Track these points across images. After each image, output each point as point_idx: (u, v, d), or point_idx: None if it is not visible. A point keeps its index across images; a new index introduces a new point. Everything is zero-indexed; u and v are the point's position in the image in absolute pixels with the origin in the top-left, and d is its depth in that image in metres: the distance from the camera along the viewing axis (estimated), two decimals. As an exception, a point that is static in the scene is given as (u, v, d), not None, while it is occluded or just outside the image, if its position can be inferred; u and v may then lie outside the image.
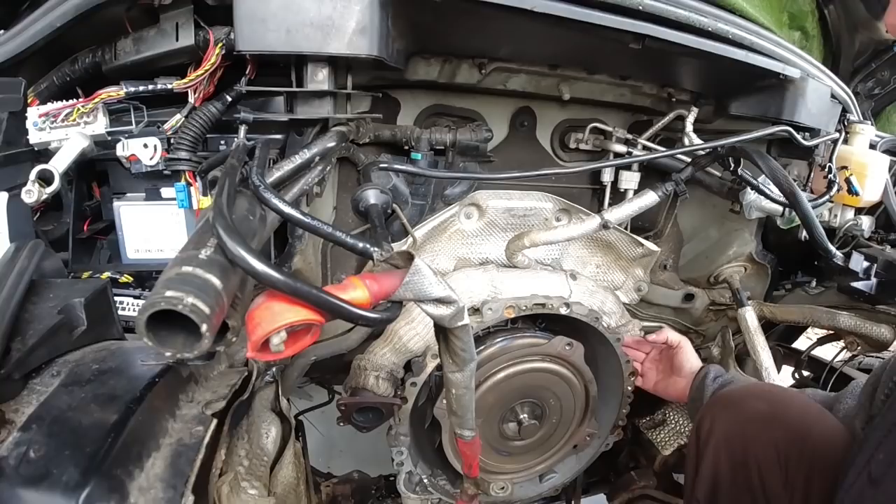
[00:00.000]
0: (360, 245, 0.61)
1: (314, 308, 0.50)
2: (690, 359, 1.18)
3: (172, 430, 0.64)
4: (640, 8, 0.86)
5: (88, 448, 0.53)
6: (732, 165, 1.10)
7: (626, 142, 1.23)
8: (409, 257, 0.56)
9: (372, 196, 0.88)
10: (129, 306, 0.97)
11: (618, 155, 1.22)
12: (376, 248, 0.60)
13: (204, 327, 0.41)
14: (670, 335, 1.18)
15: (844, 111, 1.26)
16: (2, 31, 0.92)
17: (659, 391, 1.23)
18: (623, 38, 0.89)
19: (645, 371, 1.25)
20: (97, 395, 0.61)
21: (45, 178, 0.84)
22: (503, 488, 1.25)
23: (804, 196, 1.05)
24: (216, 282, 0.44)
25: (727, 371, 1.15)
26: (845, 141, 1.24)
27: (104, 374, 0.65)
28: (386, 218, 1.04)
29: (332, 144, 0.86)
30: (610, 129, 1.22)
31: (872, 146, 1.30)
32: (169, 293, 0.41)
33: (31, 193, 0.81)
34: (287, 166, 0.83)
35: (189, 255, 0.46)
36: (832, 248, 1.13)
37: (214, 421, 0.67)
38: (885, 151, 1.33)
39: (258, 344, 0.49)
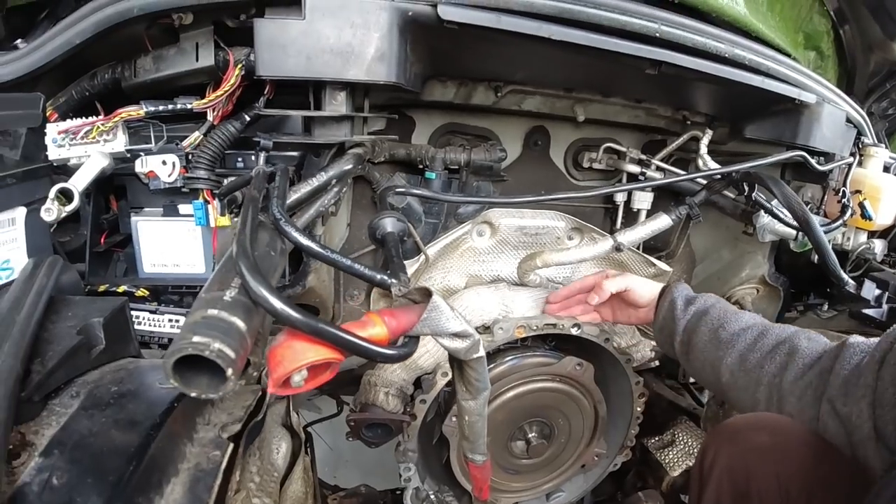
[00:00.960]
0: (379, 277, 0.61)
1: (335, 347, 0.50)
2: (644, 294, 1.06)
3: (190, 454, 0.65)
4: (658, 35, 0.86)
5: (111, 476, 0.54)
6: (747, 190, 1.10)
7: (640, 162, 1.23)
8: (426, 293, 0.57)
9: (389, 224, 0.89)
10: (145, 321, 0.98)
11: (631, 176, 1.22)
12: (394, 281, 0.60)
13: (229, 371, 0.42)
14: (610, 286, 1.03)
15: (859, 134, 1.25)
16: (21, 41, 0.93)
17: (621, 322, 1.14)
18: (640, 64, 0.89)
19: (599, 309, 1.13)
20: (117, 420, 0.62)
21: (64, 195, 0.85)
22: (510, 508, 1.26)
23: (818, 223, 1.04)
24: (241, 325, 0.45)
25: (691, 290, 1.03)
26: (859, 164, 1.23)
27: (123, 398, 0.66)
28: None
29: (348, 167, 0.87)
30: (624, 149, 1.22)
31: (886, 168, 1.29)
32: (196, 338, 0.42)
33: (51, 212, 0.82)
34: (304, 189, 0.83)
35: (214, 296, 0.46)
36: (844, 275, 1.12)
37: (231, 445, 0.68)
38: (900, 174, 1.32)
39: (280, 381, 0.50)
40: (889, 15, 1.30)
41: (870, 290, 1.20)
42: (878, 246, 1.32)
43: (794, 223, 1.09)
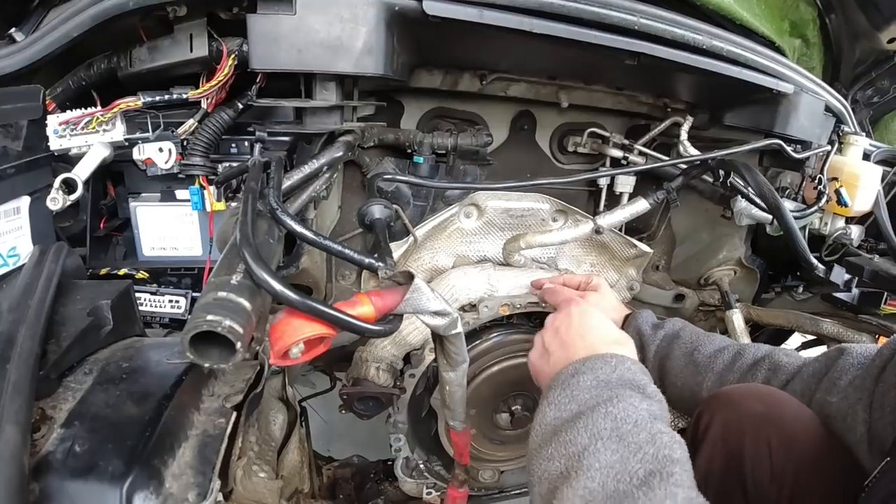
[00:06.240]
0: (367, 261, 0.67)
1: (328, 323, 0.56)
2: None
3: (198, 422, 0.71)
4: (636, 28, 0.90)
5: (129, 442, 0.60)
6: (722, 176, 1.14)
7: (623, 147, 1.27)
8: (409, 276, 0.62)
9: (377, 211, 0.93)
10: (147, 302, 1.03)
11: (614, 160, 1.26)
12: (381, 264, 0.66)
13: (238, 345, 0.48)
14: (564, 295, 0.95)
15: (839, 122, 1.29)
16: (14, 29, 0.95)
17: None
18: (619, 55, 0.93)
19: None
20: (131, 392, 0.68)
21: (68, 185, 0.89)
22: (491, 475, 1.34)
23: (789, 210, 1.09)
24: (247, 304, 0.51)
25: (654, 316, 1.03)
26: (839, 151, 1.26)
27: (134, 373, 0.72)
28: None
29: (339, 154, 0.91)
30: (607, 134, 1.26)
31: (867, 156, 1.32)
32: (210, 317, 0.48)
33: (56, 201, 0.86)
34: (296, 176, 0.88)
35: (222, 280, 0.52)
36: (814, 260, 1.17)
37: (234, 413, 0.74)
38: (880, 162, 1.36)
39: (280, 353, 0.56)
40: (875, 5, 1.30)
41: (839, 275, 1.25)
42: (855, 231, 1.35)
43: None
